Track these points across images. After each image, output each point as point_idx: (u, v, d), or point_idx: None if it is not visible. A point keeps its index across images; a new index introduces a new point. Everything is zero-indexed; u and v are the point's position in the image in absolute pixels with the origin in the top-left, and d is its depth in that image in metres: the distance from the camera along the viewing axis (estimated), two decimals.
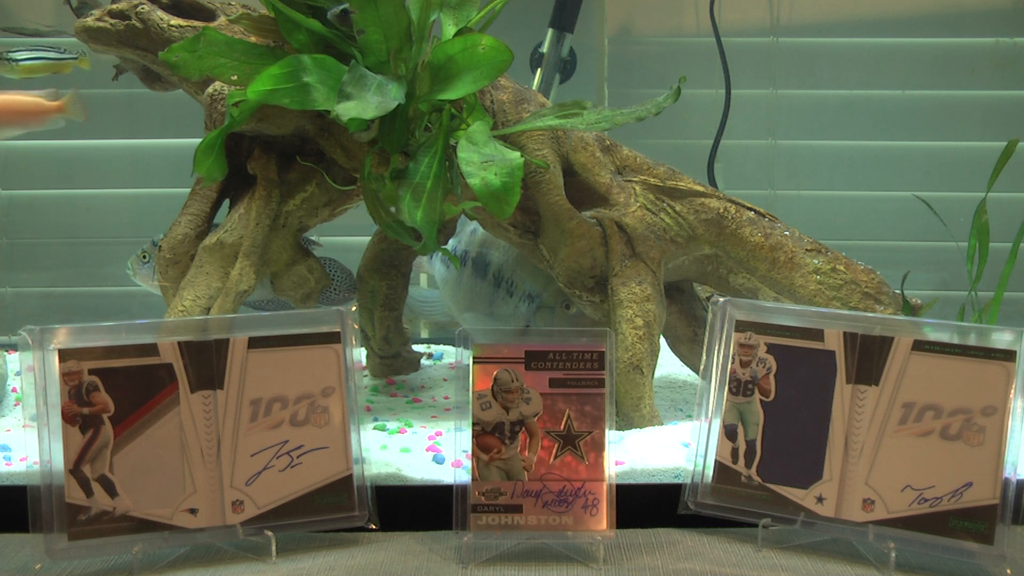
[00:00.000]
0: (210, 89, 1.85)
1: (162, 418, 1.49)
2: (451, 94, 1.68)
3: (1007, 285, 2.05)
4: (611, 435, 1.51)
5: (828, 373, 1.53)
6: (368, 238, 2.15)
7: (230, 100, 1.73)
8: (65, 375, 1.45)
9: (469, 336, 1.51)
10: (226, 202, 1.93)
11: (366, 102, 1.60)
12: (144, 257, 2.13)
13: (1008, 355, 1.47)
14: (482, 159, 1.62)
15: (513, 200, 1.59)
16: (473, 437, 1.50)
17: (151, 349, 1.49)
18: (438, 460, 1.69)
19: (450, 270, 2.25)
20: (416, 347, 2.33)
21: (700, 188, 1.93)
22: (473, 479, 1.50)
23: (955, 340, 1.49)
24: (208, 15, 1.94)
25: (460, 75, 1.67)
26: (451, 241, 2.26)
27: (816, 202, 2.83)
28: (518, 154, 1.64)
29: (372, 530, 1.57)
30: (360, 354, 1.68)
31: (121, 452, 1.47)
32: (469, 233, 2.23)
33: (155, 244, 2.12)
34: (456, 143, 1.68)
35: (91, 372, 1.46)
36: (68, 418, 1.45)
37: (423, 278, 2.79)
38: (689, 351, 2.05)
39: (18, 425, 1.90)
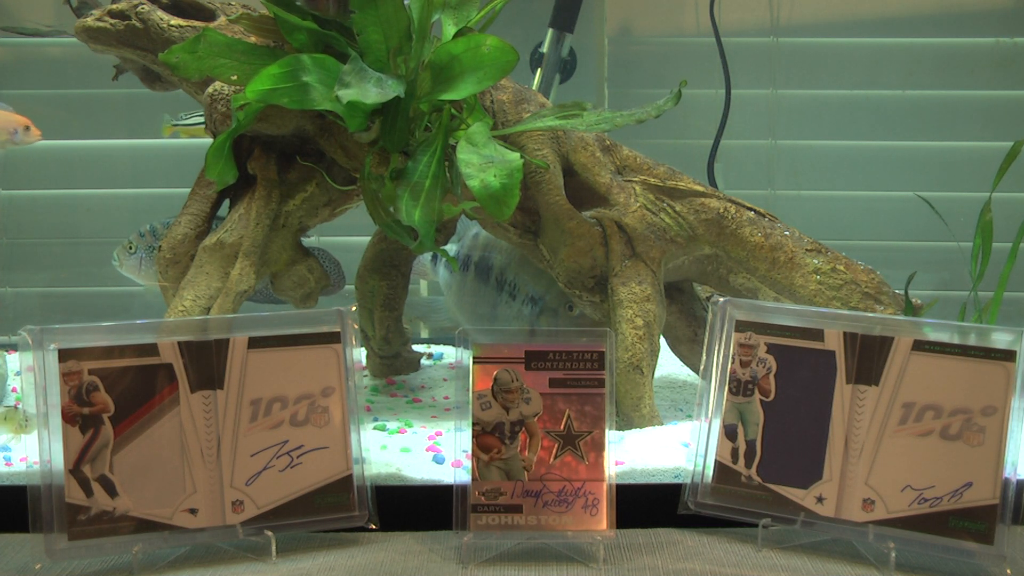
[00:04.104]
0: (210, 89, 1.85)
1: (162, 418, 1.49)
2: (454, 94, 1.67)
3: (1007, 285, 2.05)
4: (611, 435, 1.51)
5: (828, 373, 1.53)
6: (368, 238, 2.15)
7: (235, 103, 1.73)
8: (65, 375, 1.45)
9: (469, 336, 1.51)
10: (226, 202, 1.93)
11: (366, 90, 1.61)
12: (131, 248, 2.13)
13: (1008, 355, 1.47)
14: (482, 160, 1.62)
15: (512, 202, 1.59)
16: (473, 437, 1.50)
17: (151, 349, 1.49)
18: (438, 460, 1.69)
19: (453, 275, 2.25)
20: (416, 347, 2.33)
21: (700, 188, 1.93)
22: (473, 479, 1.50)
23: (955, 340, 1.49)
24: (208, 15, 1.94)
25: (464, 75, 1.67)
26: (453, 245, 2.26)
27: (816, 202, 2.83)
28: (518, 155, 1.64)
29: (372, 530, 1.57)
30: (360, 354, 1.68)
31: (121, 452, 1.47)
32: (471, 237, 2.23)
33: (142, 235, 2.12)
34: (456, 143, 1.68)
35: (91, 372, 1.46)
36: (68, 418, 1.45)
37: (423, 284, 2.79)
38: (689, 351, 2.05)
39: None
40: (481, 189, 1.59)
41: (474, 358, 1.50)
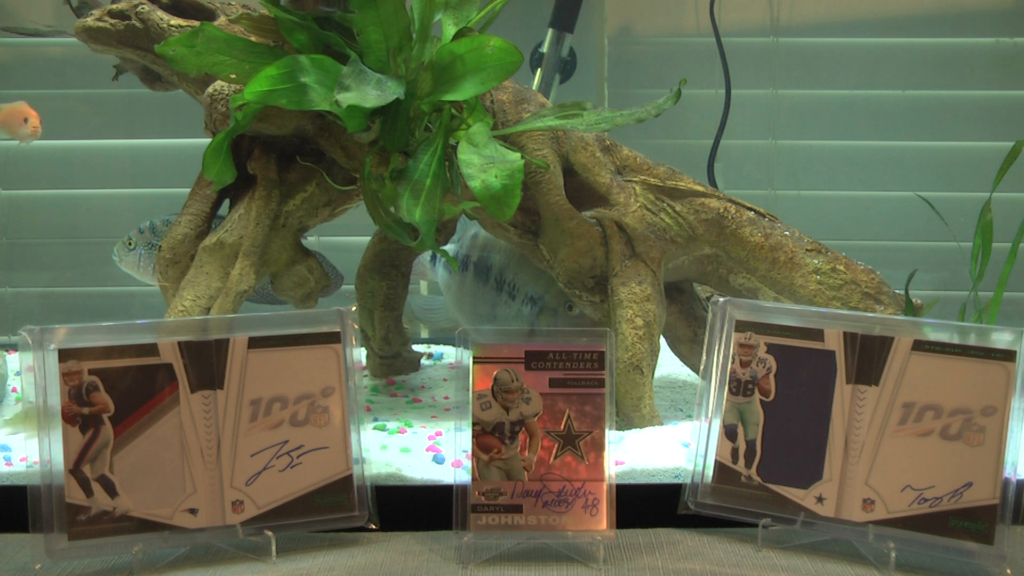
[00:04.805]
0: (210, 89, 1.85)
1: (162, 418, 1.49)
2: (457, 95, 1.67)
3: (1007, 285, 2.05)
4: (611, 435, 1.51)
5: (828, 373, 1.53)
6: (368, 238, 2.15)
7: (234, 103, 1.73)
8: (65, 375, 1.45)
9: (469, 336, 1.51)
10: (226, 201, 1.93)
11: (365, 93, 1.61)
12: (130, 244, 2.13)
13: (1008, 355, 1.47)
14: (483, 161, 1.62)
15: (514, 203, 1.59)
16: (473, 437, 1.50)
17: (151, 349, 1.49)
18: (438, 460, 1.69)
19: (453, 275, 2.25)
20: (416, 347, 2.33)
21: (700, 188, 1.93)
22: (473, 479, 1.50)
23: (955, 340, 1.49)
24: (208, 15, 1.94)
25: (466, 76, 1.67)
26: (452, 245, 2.26)
27: (816, 202, 2.83)
28: (519, 156, 1.64)
29: (372, 530, 1.57)
30: (360, 354, 1.68)
31: (121, 452, 1.47)
32: (471, 237, 2.23)
33: (141, 231, 2.12)
34: (456, 143, 1.68)
35: (91, 372, 1.46)
36: (68, 418, 1.45)
37: (423, 285, 2.79)
38: (689, 351, 2.05)
39: None
40: (482, 190, 1.59)
41: (474, 358, 1.50)
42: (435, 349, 2.51)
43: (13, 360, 2.15)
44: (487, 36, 1.67)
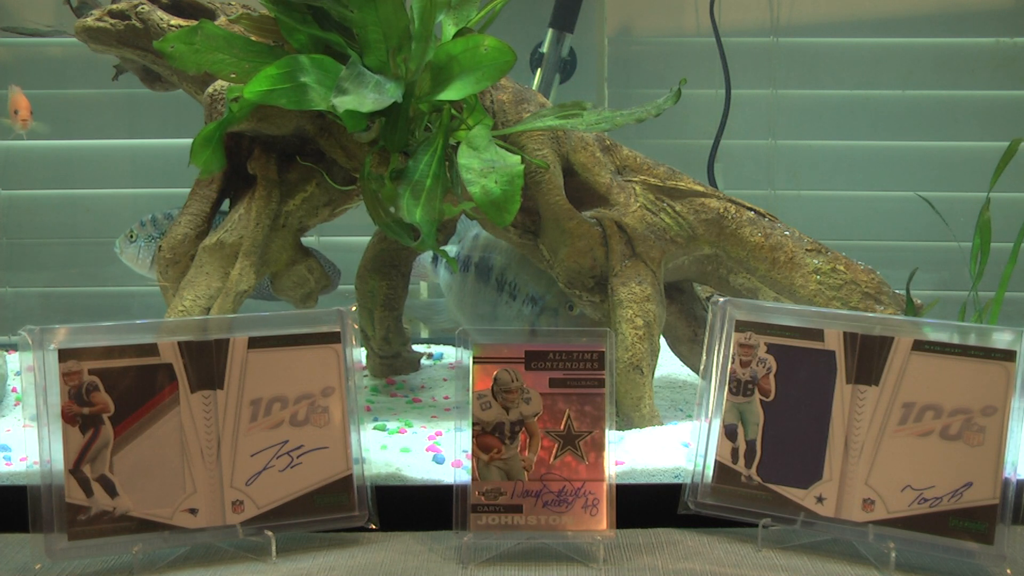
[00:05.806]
0: (210, 89, 1.85)
1: (162, 418, 1.49)
2: (453, 94, 1.67)
3: (1007, 285, 2.05)
4: (611, 435, 1.51)
5: (828, 373, 1.53)
6: (368, 238, 2.15)
7: (229, 95, 1.73)
8: (65, 375, 1.45)
9: (469, 336, 1.51)
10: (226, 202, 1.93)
11: (363, 97, 1.60)
12: (131, 236, 2.14)
13: (1008, 355, 1.47)
14: (483, 165, 1.62)
15: (513, 208, 1.60)
16: (473, 437, 1.50)
17: (151, 349, 1.49)
18: (438, 460, 1.69)
19: (454, 275, 2.25)
20: (416, 347, 2.33)
21: (700, 188, 1.93)
22: (473, 479, 1.50)
23: (955, 340, 1.49)
24: (208, 15, 1.94)
25: (462, 75, 1.67)
26: (453, 246, 2.26)
27: (816, 202, 2.83)
28: (518, 160, 1.64)
29: (372, 530, 1.57)
30: (360, 354, 1.68)
31: (121, 452, 1.47)
32: (472, 238, 2.23)
33: (143, 224, 2.13)
34: (456, 143, 1.68)
35: (91, 372, 1.46)
36: (68, 418, 1.45)
37: (423, 286, 2.80)
38: (689, 351, 2.05)
39: (18, 425, 1.90)
40: (482, 195, 1.59)
41: (474, 358, 1.50)
42: (435, 349, 2.51)
43: (13, 360, 2.15)
44: (482, 36, 1.67)
